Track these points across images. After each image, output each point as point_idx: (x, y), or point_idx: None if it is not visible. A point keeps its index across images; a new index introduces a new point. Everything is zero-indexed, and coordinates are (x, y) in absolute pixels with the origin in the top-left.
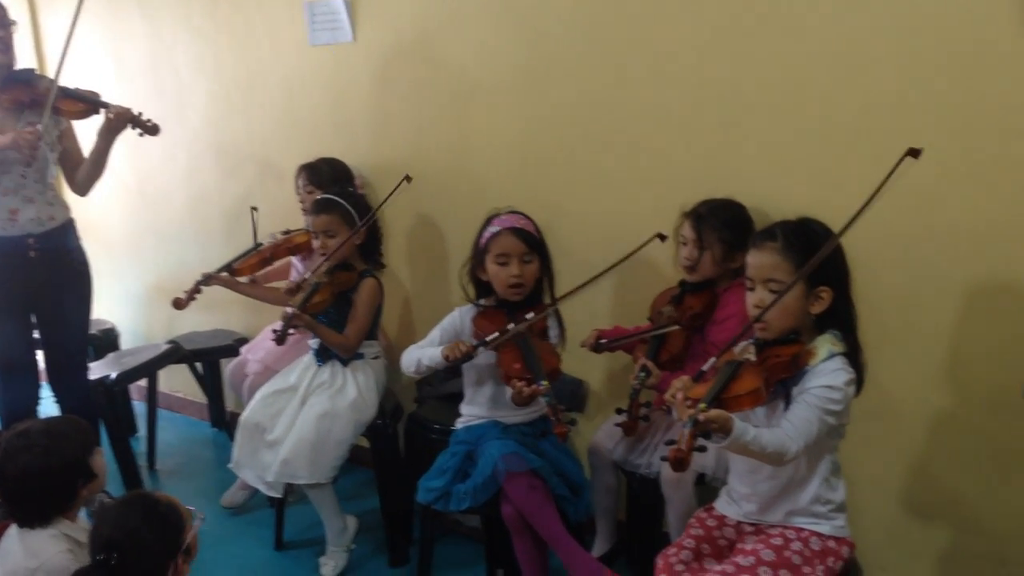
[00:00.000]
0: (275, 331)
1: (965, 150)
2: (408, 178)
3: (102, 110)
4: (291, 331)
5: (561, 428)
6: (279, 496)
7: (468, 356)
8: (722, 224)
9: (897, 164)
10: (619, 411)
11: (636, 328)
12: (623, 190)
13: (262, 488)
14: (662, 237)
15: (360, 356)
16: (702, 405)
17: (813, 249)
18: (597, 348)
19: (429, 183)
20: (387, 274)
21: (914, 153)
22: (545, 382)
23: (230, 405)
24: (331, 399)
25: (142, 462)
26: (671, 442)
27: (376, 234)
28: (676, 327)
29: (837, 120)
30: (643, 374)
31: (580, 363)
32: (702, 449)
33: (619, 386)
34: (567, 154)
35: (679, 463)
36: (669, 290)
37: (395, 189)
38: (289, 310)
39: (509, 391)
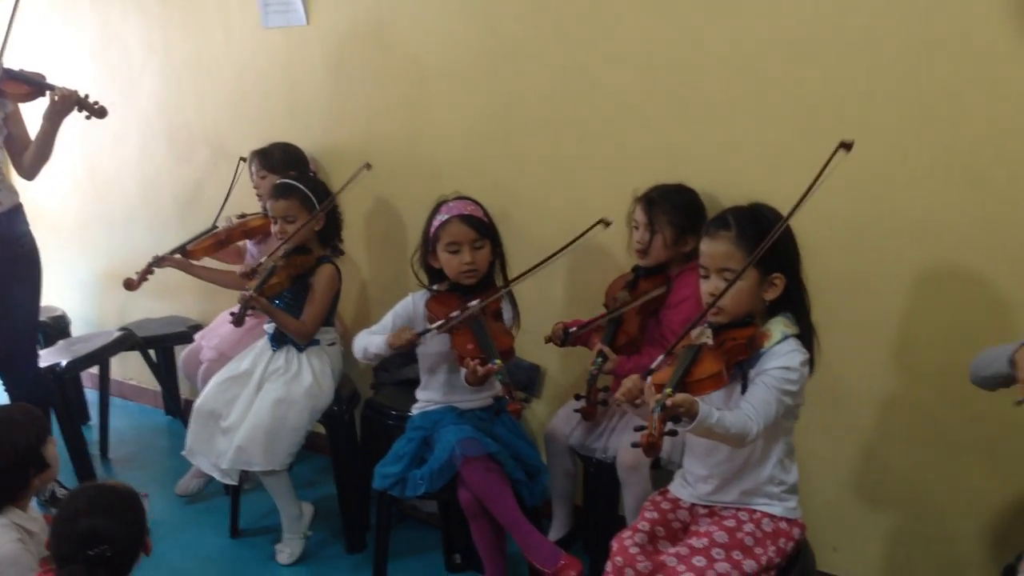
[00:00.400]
0: (232, 313)
1: (913, 138)
2: (368, 166)
3: (48, 92)
4: (249, 313)
5: (515, 405)
6: (234, 483)
7: (412, 344)
8: (673, 208)
9: (831, 157)
10: (577, 397)
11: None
12: (578, 176)
13: (216, 475)
14: (606, 223)
15: (316, 342)
16: (668, 390)
17: (766, 236)
18: (565, 339)
19: (385, 168)
20: (343, 259)
21: (846, 146)
22: (498, 361)
23: (184, 393)
24: (286, 385)
25: (94, 451)
26: (640, 428)
27: (336, 220)
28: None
29: (787, 107)
30: (600, 359)
31: (536, 349)
32: (672, 433)
33: (575, 371)
34: (522, 139)
35: (651, 448)
36: (623, 276)
37: (354, 176)
38: (246, 292)
39: (464, 372)
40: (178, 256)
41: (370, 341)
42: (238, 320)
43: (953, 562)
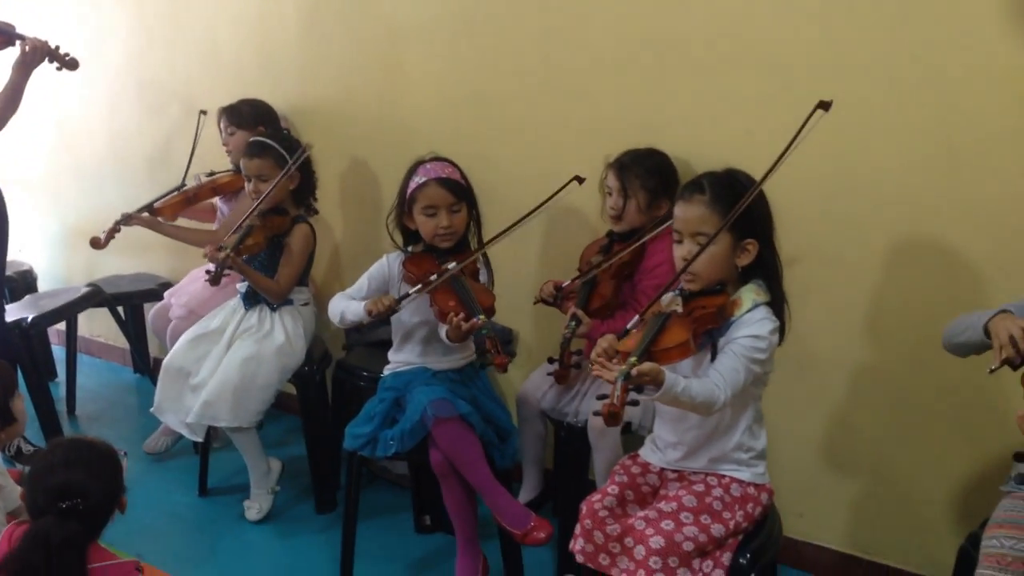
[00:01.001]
0: (208, 272)
1: (887, 105)
2: (309, 146)
3: (17, 42)
4: (226, 273)
5: (502, 358)
6: (200, 440)
7: (392, 310)
8: (645, 172)
9: (808, 117)
10: (551, 360)
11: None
12: (552, 138)
13: (184, 432)
14: (579, 180)
15: (289, 302)
16: (633, 359)
17: (739, 202)
18: (557, 296)
19: (358, 127)
20: (317, 220)
21: (824, 106)
22: (482, 316)
23: (153, 351)
24: (257, 343)
25: (61, 408)
26: (603, 396)
27: (310, 179)
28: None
29: (763, 73)
30: (573, 323)
31: (509, 312)
32: (635, 403)
33: (547, 335)
34: (498, 100)
35: (612, 417)
36: (598, 241)
37: (298, 158)
38: (221, 253)
39: (445, 329)
40: (146, 215)
41: (347, 307)
42: (214, 279)
43: (918, 529)
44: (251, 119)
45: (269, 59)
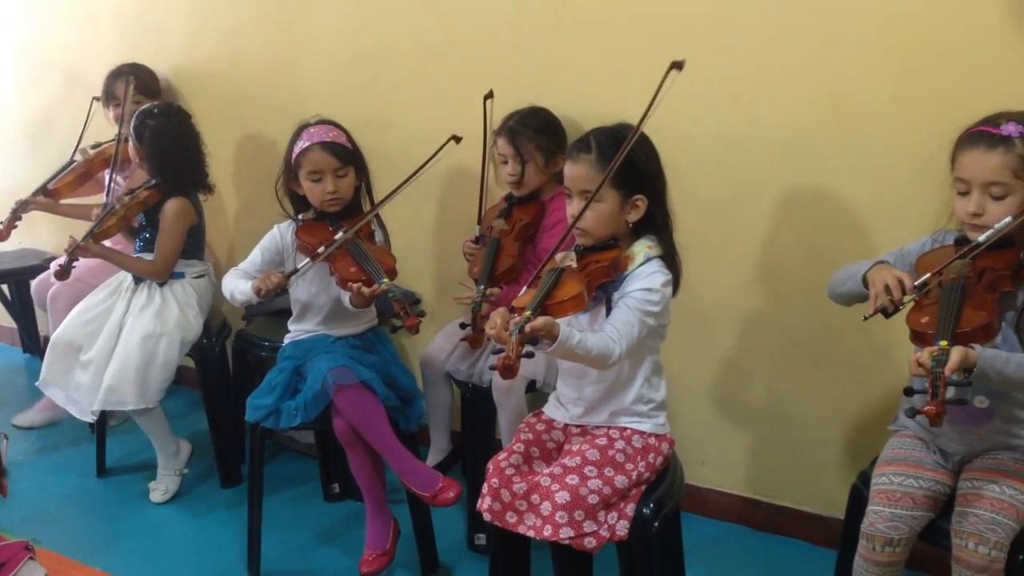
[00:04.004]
0: (60, 265)
1: (776, 60)
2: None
3: None
4: (74, 264)
5: (412, 320)
6: (90, 421)
7: (281, 287)
8: (536, 133)
9: (664, 78)
10: (463, 325)
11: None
12: (448, 98)
13: (72, 410)
14: (456, 139)
15: (181, 275)
16: (527, 313)
17: (627, 159)
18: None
19: (249, 91)
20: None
21: (678, 66)
22: (386, 280)
23: (43, 330)
24: (152, 320)
25: None
26: (499, 351)
27: (162, 151)
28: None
29: (641, 31)
30: (482, 287)
31: (410, 276)
32: (529, 355)
33: (448, 297)
34: (392, 62)
35: (508, 370)
36: (496, 205)
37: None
38: (73, 241)
39: (347, 296)
40: (42, 198)
41: (236, 287)
42: (61, 273)
43: (814, 470)
44: (156, 87)
45: (152, 21)
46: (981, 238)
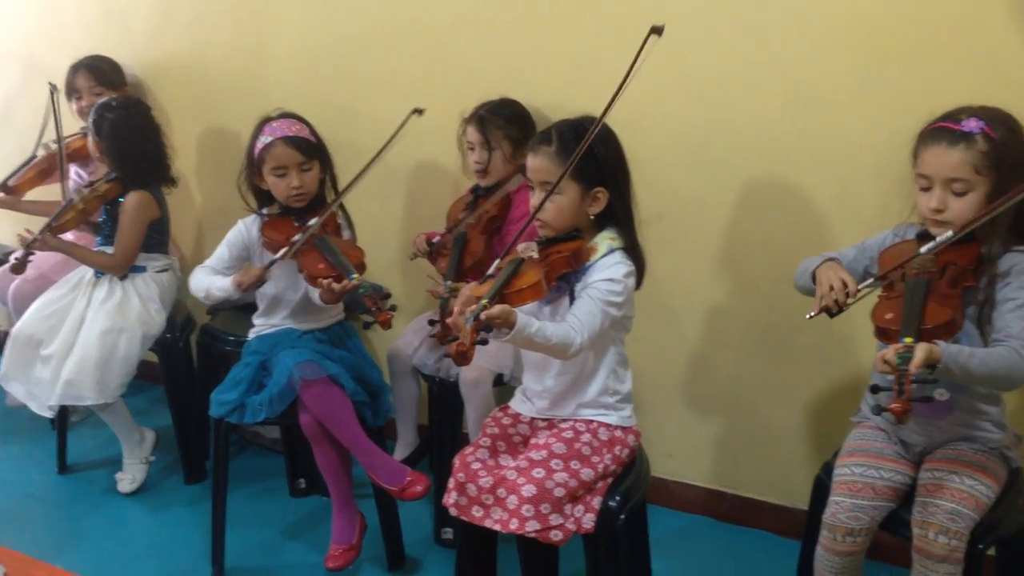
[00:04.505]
0: (16, 259)
1: (743, 56)
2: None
3: None
4: (30, 259)
5: (384, 315)
6: (50, 417)
7: (262, 279)
8: (505, 122)
9: (643, 44)
10: (432, 322)
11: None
12: (416, 90)
13: (32, 406)
14: (419, 111)
15: (142, 269)
16: (484, 301)
17: (588, 151)
18: (430, 250)
19: (214, 82)
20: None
21: (657, 31)
22: (356, 275)
23: (3, 324)
24: (113, 314)
25: None
26: (454, 338)
27: (121, 144)
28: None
29: (607, 20)
30: (448, 283)
31: (378, 269)
32: (483, 342)
33: (416, 290)
34: (359, 54)
35: (461, 356)
36: (462, 198)
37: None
38: (27, 235)
39: (317, 292)
40: (2, 195)
41: (212, 283)
42: (16, 267)
43: (778, 461)
44: (119, 79)
45: (115, 11)
46: (947, 235)
